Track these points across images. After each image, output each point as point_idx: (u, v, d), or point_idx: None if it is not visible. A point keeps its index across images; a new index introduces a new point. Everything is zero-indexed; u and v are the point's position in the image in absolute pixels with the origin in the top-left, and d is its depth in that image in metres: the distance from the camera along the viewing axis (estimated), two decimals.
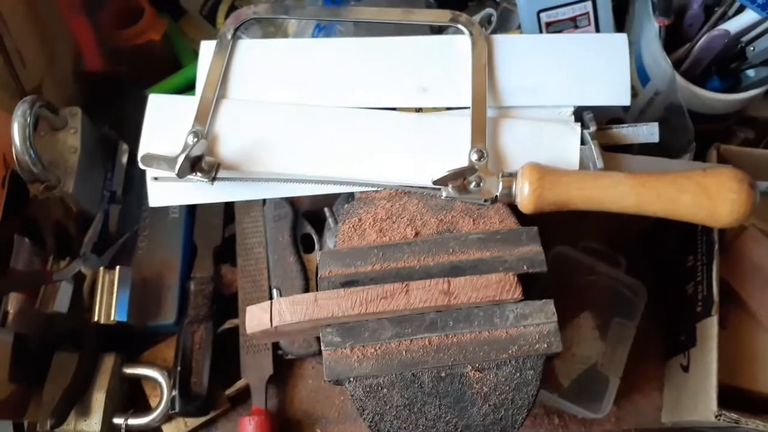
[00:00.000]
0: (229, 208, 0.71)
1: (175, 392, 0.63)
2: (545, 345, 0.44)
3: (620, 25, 0.68)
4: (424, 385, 0.45)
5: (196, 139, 0.52)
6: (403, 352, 0.45)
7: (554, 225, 0.66)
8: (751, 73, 0.60)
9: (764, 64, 0.60)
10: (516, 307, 0.45)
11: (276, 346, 0.66)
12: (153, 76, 0.74)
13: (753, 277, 0.58)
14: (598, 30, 0.64)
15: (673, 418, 0.62)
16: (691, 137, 0.58)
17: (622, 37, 0.53)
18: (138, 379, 0.67)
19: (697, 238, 0.59)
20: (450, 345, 0.45)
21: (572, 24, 0.64)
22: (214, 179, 0.53)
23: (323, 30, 0.70)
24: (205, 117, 0.54)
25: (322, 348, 0.45)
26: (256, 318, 0.45)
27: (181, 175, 0.51)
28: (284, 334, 0.48)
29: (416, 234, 0.49)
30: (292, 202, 0.69)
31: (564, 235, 0.66)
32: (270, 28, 0.74)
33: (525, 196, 0.47)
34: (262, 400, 0.65)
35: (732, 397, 0.54)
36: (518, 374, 0.45)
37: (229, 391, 0.66)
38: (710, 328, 0.54)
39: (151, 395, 0.67)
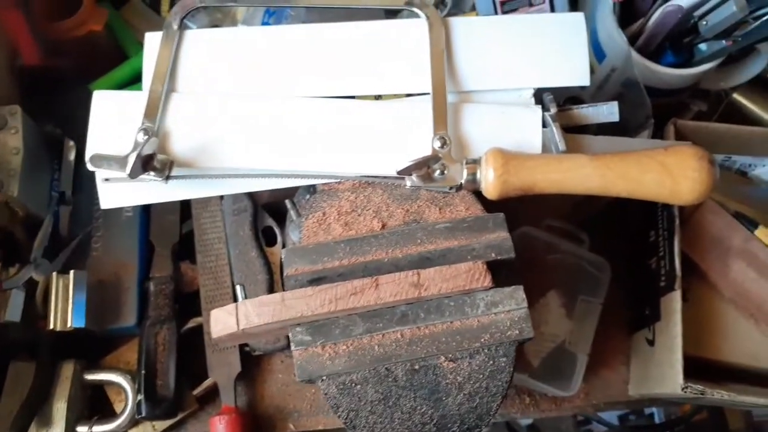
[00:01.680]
0: (185, 204, 0.69)
1: (140, 396, 0.61)
2: (517, 331, 0.44)
3: (574, 3, 0.68)
4: (398, 379, 0.44)
5: (146, 137, 0.50)
6: (376, 347, 0.44)
7: (517, 205, 0.66)
8: (703, 47, 0.60)
9: (717, 37, 0.60)
10: (486, 295, 0.45)
11: (243, 343, 0.65)
12: (97, 69, 0.71)
13: (712, 249, 0.59)
14: (553, 8, 0.64)
15: (641, 390, 0.63)
16: (649, 113, 0.58)
17: (580, 16, 0.53)
18: (101, 386, 0.65)
19: (658, 214, 0.60)
20: (422, 337, 0.45)
21: (527, 2, 0.64)
22: (167, 178, 0.51)
23: (273, 15, 0.68)
24: (154, 112, 0.52)
25: (293, 348, 0.44)
26: (221, 322, 0.44)
27: (133, 175, 0.49)
28: (251, 335, 0.47)
29: (383, 226, 0.48)
30: (251, 195, 0.68)
31: (527, 215, 0.66)
32: (217, 15, 0.71)
33: (490, 182, 0.47)
34: (232, 398, 0.63)
35: (697, 367, 0.56)
36: (491, 362, 0.44)
37: (196, 392, 0.64)
38: (674, 302, 0.55)
39: (116, 401, 0.65)
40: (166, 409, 0.62)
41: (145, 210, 0.69)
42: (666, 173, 0.45)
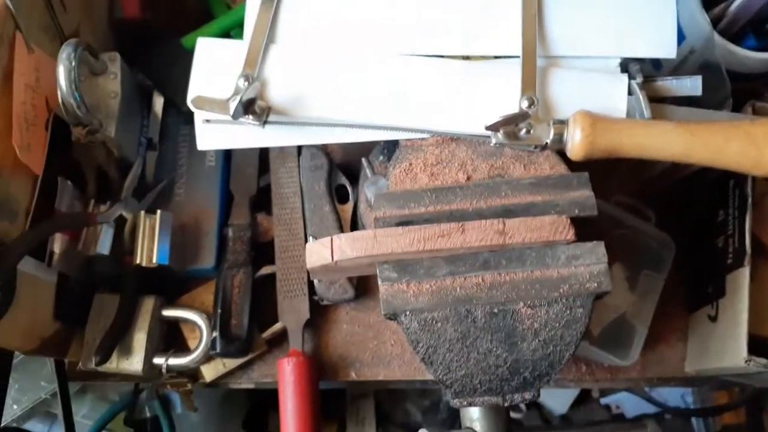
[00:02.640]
0: (264, 158, 0.72)
1: (215, 333, 0.64)
2: (595, 284, 0.46)
3: None
4: (477, 320, 0.46)
5: (247, 83, 0.53)
6: (458, 289, 0.47)
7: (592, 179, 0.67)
8: None
9: None
10: (567, 249, 0.47)
11: (312, 291, 0.68)
12: (186, 26, 0.74)
13: None
14: None
15: (698, 366, 0.64)
16: (728, 93, 0.59)
17: None
18: (176, 322, 0.69)
19: (728, 193, 0.61)
20: (503, 283, 0.47)
21: None
22: (265, 123, 0.54)
23: None
24: (254, 62, 0.55)
25: (380, 283, 0.47)
26: (316, 253, 0.47)
27: (235, 117, 0.52)
28: (341, 269, 0.50)
29: (468, 178, 0.51)
30: (327, 153, 0.70)
31: (596, 189, 0.67)
32: None
33: (577, 142, 0.49)
34: (300, 342, 0.66)
35: (758, 347, 0.57)
36: (568, 312, 0.46)
37: (266, 335, 0.68)
38: (742, 278, 0.56)
39: (190, 337, 0.68)
40: (239, 347, 0.65)
41: (227, 161, 0.72)
42: (751, 143, 0.46)
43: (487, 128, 0.50)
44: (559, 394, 1.34)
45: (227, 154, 0.72)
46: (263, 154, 0.72)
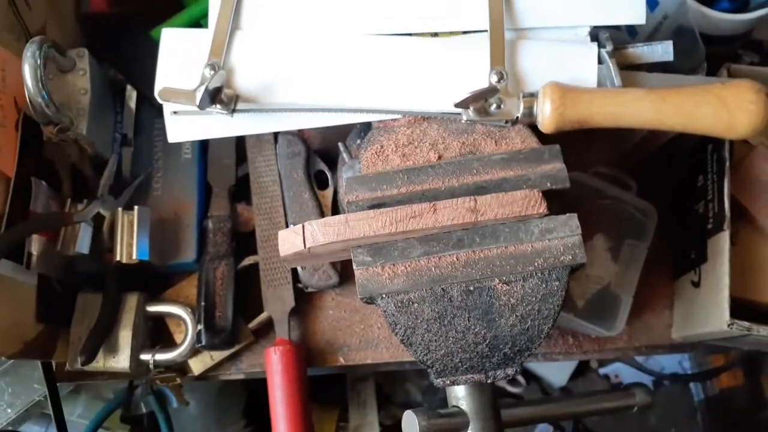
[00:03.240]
0: (240, 148, 0.72)
1: (200, 326, 0.64)
2: (570, 256, 0.46)
3: None
4: (454, 299, 0.46)
5: (213, 72, 0.53)
6: (433, 269, 0.46)
7: (565, 150, 0.67)
8: None
9: None
10: (541, 222, 0.47)
11: (296, 279, 0.67)
12: (155, 18, 0.73)
13: (762, 194, 0.59)
14: None
15: (683, 333, 0.64)
16: (702, 57, 0.59)
17: None
18: (161, 318, 0.68)
19: (707, 158, 0.61)
20: (477, 260, 0.46)
21: None
22: (233, 111, 0.53)
23: None
24: (220, 49, 0.54)
25: (354, 268, 0.46)
26: (288, 241, 0.46)
27: (202, 106, 0.51)
28: (316, 256, 0.49)
29: (439, 157, 0.50)
30: (304, 139, 0.70)
31: (575, 162, 0.67)
32: None
33: (547, 114, 0.48)
34: (285, 331, 0.66)
35: (741, 310, 0.57)
36: (544, 285, 0.46)
37: (252, 325, 0.68)
38: (722, 242, 0.56)
39: (175, 332, 0.68)
40: (225, 339, 0.65)
41: (203, 153, 0.71)
42: (722, 106, 0.46)
43: (456, 105, 0.49)
44: (557, 366, 1.35)
45: (204, 146, 0.72)
46: (240, 143, 0.72)
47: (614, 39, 0.60)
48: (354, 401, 1.07)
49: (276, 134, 0.70)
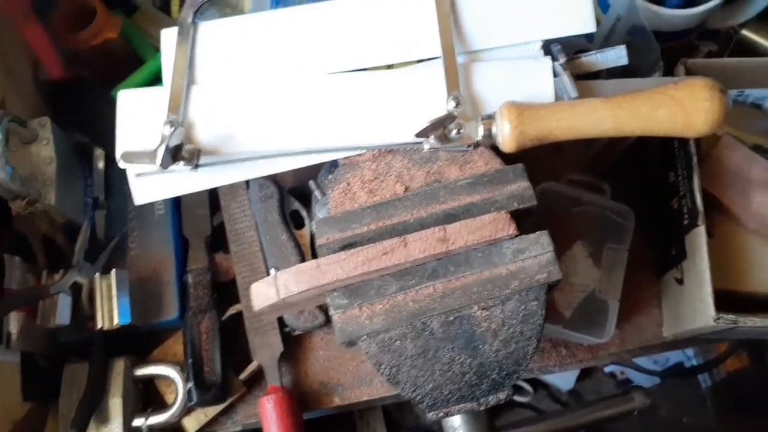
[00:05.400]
0: (214, 196, 0.71)
1: (190, 384, 0.63)
2: (545, 274, 0.46)
3: None
4: (435, 332, 0.46)
5: (172, 129, 0.52)
6: (410, 303, 0.46)
7: (535, 162, 0.67)
8: None
9: None
10: (512, 244, 0.46)
11: (282, 323, 0.67)
12: (117, 76, 0.73)
13: (732, 183, 0.59)
14: None
15: (674, 330, 0.64)
16: (657, 56, 0.59)
17: None
18: (151, 379, 0.67)
19: (675, 154, 0.61)
20: (454, 289, 0.46)
21: None
22: (196, 166, 0.53)
23: (280, 3, 0.69)
24: (177, 106, 0.54)
25: (331, 312, 0.46)
26: (262, 294, 0.46)
27: (164, 166, 0.51)
28: (292, 305, 0.49)
29: (406, 189, 0.50)
30: (276, 180, 0.69)
31: (547, 171, 0.67)
32: (227, 10, 0.73)
33: (506, 135, 0.48)
34: (277, 378, 0.65)
35: (728, 301, 0.57)
36: (523, 306, 0.46)
37: (242, 376, 0.67)
38: (699, 237, 0.56)
39: (166, 392, 0.67)
40: (216, 394, 0.64)
41: (176, 207, 0.71)
42: (678, 106, 0.46)
43: (417, 135, 0.49)
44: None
45: (176, 199, 0.71)
46: (213, 192, 0.71)
47: (573, 45, 0.60)
48: (363, 430, 1.06)
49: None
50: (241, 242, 0.70)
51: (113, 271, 0.64)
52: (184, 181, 0.55)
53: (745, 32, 0.69)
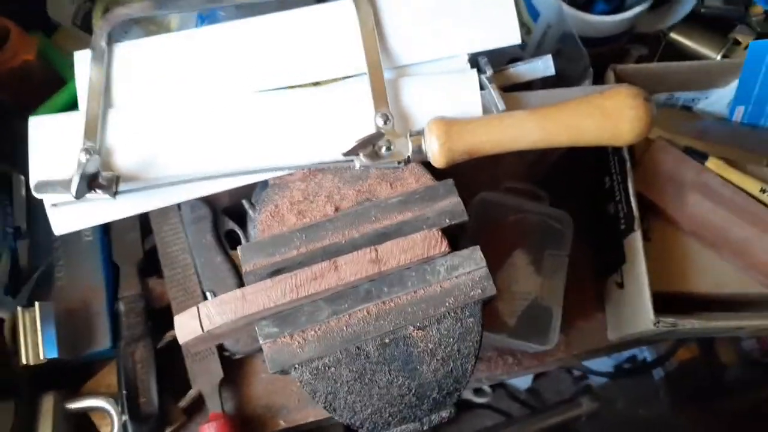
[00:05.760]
0: (145, 221, 0.68)
1: (125, 417, 0.61)
2: (480, 290, 0.45)
3: None
4: (370, 355, 0.44)
5: (88, 156, 0.50)
6: (344, 328, 0.44)
7: (475, 173, 0.66)
8: None
9: None
10: (445, 261, 0.45)
11: (222, 348, 0.64)
12: (37, 99, 0.69)
13: (667, 187, 0.60)
14: None
15: (618, 333, 0.64)
16: (587, 63, 0.59)
17: None
18: (85, 413, 0.64)
19: (610, 159, 0.61)
20: (389, 311, 0.45)
21: None
22: (115, 194, 0.50)
23: (206, 20, 0.67)
24: (94, 131, 0.51)
25: (261, 342, 0.44)
26: (184, 326, 0.44)
27: (78, 195, 0.48)
28: (220, 336, 0.47)
29: (336, 209, 0.49)
30: (209, 201, 0.67)
31: (484, 182, 0.66)
32: (152, 27, 0.70)
33: (435, 151, 0.47)
34: (218, 404, 0.63)
35: (667, 303, 0.57)
36: (459, 324, 0.45)
37: (182, 404, 0.64)
38: (635, 242, 0.56)
39: (101, 425, 0.64)
40: (153, 425, 0.61)
41: (105, 232, 0.68)
42: (604, 116, 0.46)
43: (345, 155, 0.48)
44: None
45: (105, 224, 0.68)
46: (144, 214, 0.68)
47: (506, 54, 0.60)
48: None
49: None
50: (174, 266, 0.67)
51: (37, 303, 0.60)
52: (105, 210, 0.52)
53: (673, 35, 0.70)
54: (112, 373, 0.65)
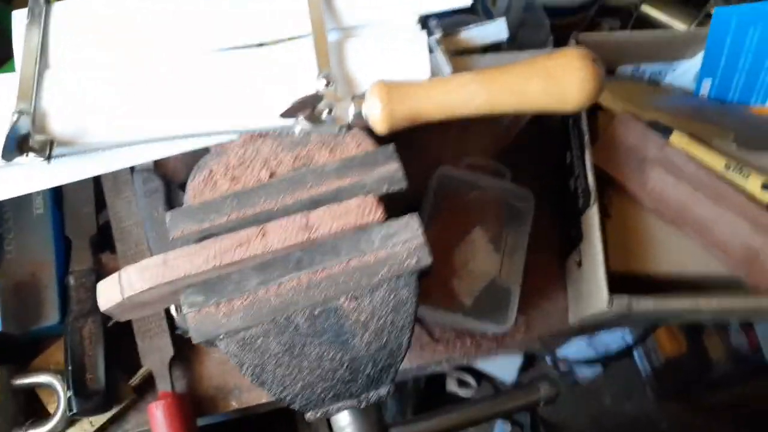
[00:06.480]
0: (100, 195, 0.67)
1: (70, 393, 0.59)
2: (415, 260, 0.43)
3: None
4: (300, 327, 0.43)
5: (17, 117, 0.48)
6: (272, 298, 0.43)
7: (438, 149, 0.64)
8: None
9: None
10: (381, 229, 0.43)
11: (173, 326, 0.63)
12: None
13: (629, 161, 0.58)
14: None
15: (579, 315, 0.62)
16: (547, 31, 0.57)
17: None
18: (32, 390, 0.63)
19: (569, 134, 0.59)
20: (320, 280, 0.43)
21: None
22: (49, 158, 0.48)
23: None
24: (28, 93, 0.50)
25: (184, 311, 0.42)
26: (106, 293, 0.42)
27: (6, 158, 0.46)
28: (146, 304, 0.45)
29: (271, 175, 0.47)
30: (163, 174, 0.65)
31: (449, 157, 0.64)
32: None
33: (376, 115, 0.45)
34: (167, 383, 0.61)
35: (630, 285, 0.55)
36: (393, 295, 0.43)
37: (132, 381, 0.63)
38: (592, 218, 0.54)
39: (48, 402, 0.63)
40: (98, 402, 0.60)
41: (58, 205, 0.66)
42: (550, 79, 0.43)
43: (282, 116, 0.46)
44: (503, 363, 1.34)
45: (57, 198, 0.66)
46: (99, 188, 0.67)
47: (467, 21, 0.57)
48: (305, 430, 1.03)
49: (132, 173, 0.65)
50: (127, 241, 0.65)
51: None
52: (40, 175, 0.50)
53: (645, 8, 0.67)
54: (61, 349, 0.63)
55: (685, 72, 0.59)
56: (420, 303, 0.52)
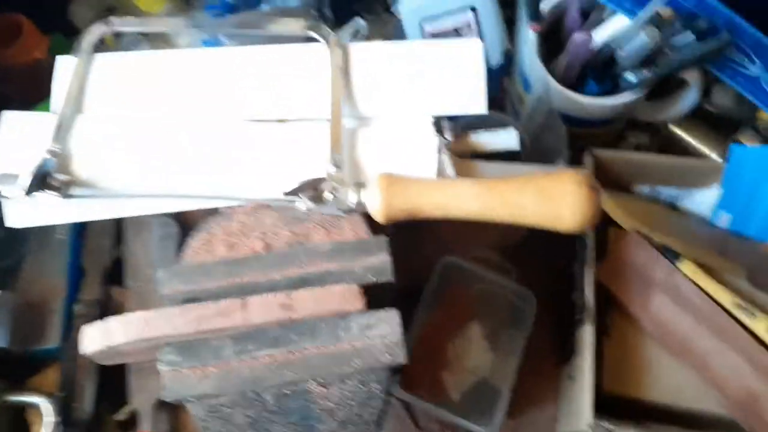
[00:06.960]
0: (120, 229, 0.70)
1: (58, 418, 0.61)
2: (389, 356, 0.43)
3: (511, 35, 0.68)
4: (268, 404, 0.43)
5: (46, 157, 0.51)
6: (245, 370, 0.43)
7: (448, 233, 0.65)
8: (629, 76, 0.59)
9: (642, 66, 0.59)
10: (361, 318, 0.44)
11: None
12: (41, 95, 0.72)
13: (634, 283, 0.57)
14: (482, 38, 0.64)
15: (566, 429, 0.60)
16: (564, 141, 0.57)
17: (476, 43, 0.52)
18: (23, 408, 0.65)
19: (575, 244, 0.59)
20: (294, 361, 0.43)
21: (456, 34, 0.64)
22: (67, 196, 0.51)
23: (212, 45, 0.69)
24: (64, 136, 0.53)
25: (160, 367, 0.43)
26: (89, 338, 0.44)
27: (28, 193, 0.49)
28: (131, 354, 0.47)
29: (267, 246, 0.48)
30: (180, 220, 0.68)
31: (458, 244, 0.65)
32: (161, 45, 0.73)
33: (375, 204, 0.46)
34: (149, 424, 0.62)
35: (620, 406, 0.54)
36: (364, 388, 0.43)
37: (117, 417, 0.64)
38: (586, 336, 0.53)
39: (34, 423, 0.64)
40: None
41: (79, 234, 0.69)
42: (545, 197, 0.44)
43: (286, 194, 0.48)
44: None
45: (81, 226, 0.69)
46: (120, 225, 0.70)
47: (487, 120, 0.59)
48: None
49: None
50: (138, 278, 0.67)
51: None
52: (55, 210, 0.53)
53: (673, 128, 0.67)
54: (57, 373, 0.65)
55: (703, 200, 0.59)
56: (406, 390, 0.53)
